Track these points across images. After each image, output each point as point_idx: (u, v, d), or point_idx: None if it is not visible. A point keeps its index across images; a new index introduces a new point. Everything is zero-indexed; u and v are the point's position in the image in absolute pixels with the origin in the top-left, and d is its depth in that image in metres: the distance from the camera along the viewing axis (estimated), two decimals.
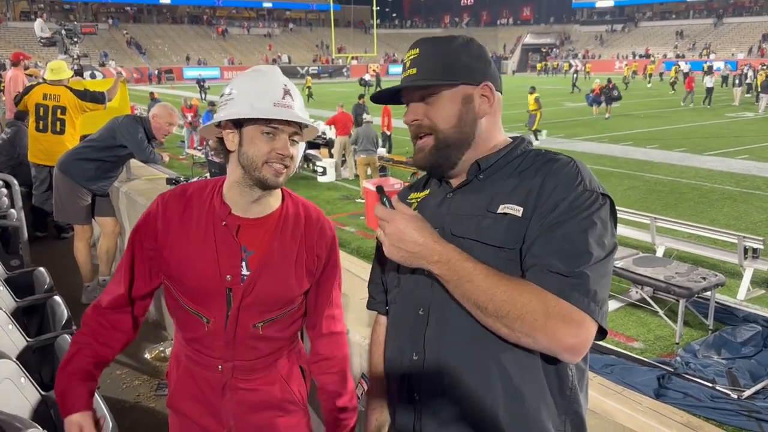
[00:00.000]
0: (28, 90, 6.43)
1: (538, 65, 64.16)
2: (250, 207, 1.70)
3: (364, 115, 13.27)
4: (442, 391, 1.35)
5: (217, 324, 1.69)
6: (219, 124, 1.67)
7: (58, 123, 6.26)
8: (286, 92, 1.62)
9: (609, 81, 23.85)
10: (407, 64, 1.43)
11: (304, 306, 1.85)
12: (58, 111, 6.23)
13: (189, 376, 1.79)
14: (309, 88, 34.83)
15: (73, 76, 8.18)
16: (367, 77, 38.99)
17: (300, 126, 1.65)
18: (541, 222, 1.26)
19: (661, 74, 38.01)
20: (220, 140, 1.69)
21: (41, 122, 6.26)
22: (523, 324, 1.19)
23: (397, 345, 1.48)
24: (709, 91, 27.31)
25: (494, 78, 1.45)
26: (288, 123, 1.60)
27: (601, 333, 1.25)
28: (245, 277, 1.68)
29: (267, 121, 1.58)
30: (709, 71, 30.57)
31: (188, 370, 1.79)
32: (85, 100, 6.19)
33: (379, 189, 1.41)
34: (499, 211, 1.32)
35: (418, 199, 1.55)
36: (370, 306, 1.67)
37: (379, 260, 1.61)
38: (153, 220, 1.72)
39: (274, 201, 1.75)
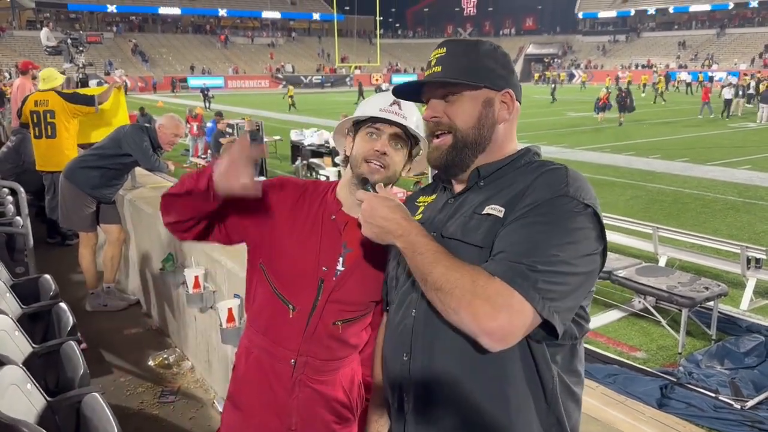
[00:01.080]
0: (24, 100, 6.51)
1: (536, 75, 64.27)
2: (357, 206, 1.73)
3: None
4: (427, 395, 1.38)
5: (302, 313, 1.76)
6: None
7: (49, 127, 6.33)
8: (395, 103, 1.74)
9: (621, 89, 24.58)
10: (432, 62, 1.46)
11: (372, 316, 1.89)
12: (48, 115, 6.30)
13: (259, 367, 1.84)
14: (291, 97, 35.12)
15: (78, 85, 8.27)
16: (384, 86, 39.03)
17: (407, 136, 1.76)
18: (512, 218, 1.28)
19: (654, 84, 37.70)
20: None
21: (36, 129, 6.34)
22: (452, 299, 1.20)
23: (391, 346, 1.51)
24: (728, 102, 26.51)
25: (516, 87, 1.47)
26: (389, 125, 1.72)
27: (552, 333, 1.22)
28: (338, 272, 1.76)
29: (371, 123, 1.74)
30: (729, 83, 29.50)
31: (259, 362, 1.84)
32: (73, 102, 6.23)
33: (364, 180, 1.61)
34: (483, 212, 1.34)
35: (426, 203, 1.59)
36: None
37: (388, 262, 1.66)
38: (272, 197, 1.81)
39: None
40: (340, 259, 1.77)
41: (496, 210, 1.32)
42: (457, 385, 1.32)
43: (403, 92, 1.58)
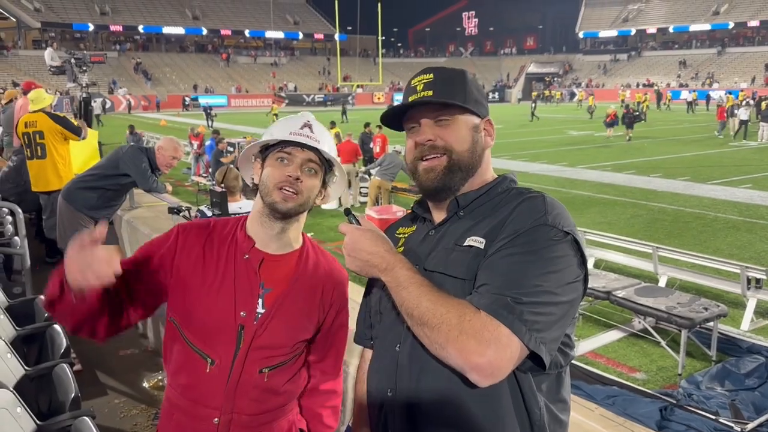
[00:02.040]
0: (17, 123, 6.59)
1: (533, 93, 64.55)
2: (271, 241, 1.70)
3: (396, 147, 13.53)
4: (415, 427, 1.36)
5: (221, 366, 1.60)
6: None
7: (39, 148, 6.42)
8: (306, 125, 1.67)
9: (628, 107, 26.21)
10: (419, 87, 1.44)
11: (305, 359, 1.78)
12: (37, 136, 6.41)
13: (180, 431, 1.67)
14: (276, 115, 35.30)
15: (81, 105, 8.34)
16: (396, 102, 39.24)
17: (321, 161, 1.68)
18: (493, 250, 1.28)
19: (640, 103, 37.34)
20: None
21: (28, 150, 6.45)
22: (439, 334, 1.19)
23: (375, 380, 1.49)
24: (743, 123, 25.51)
25: (489, 116, 1.50)
26: (302, 150, 1.63)
27: (540, 364, 1.21)
28: (259, 315, 1.62)
29: (281, 148, 1.64)
30: (745, 103, 28.28)
31: (180, 425, 1.66)
32: (61, 125, 6.33)
33: (347, 211, 1.52)
34: (465, 243, 1.34)
35: (406, 234, 1.56)
36: (356, 340, 1.68)
37: (368, 295, 1.63)
38: (171, 248, 1.68)
39: (294, 239, 1.74)
40: (260, 301, 1.63)
41: (476, 241, 1.32)
42: (444, 420, 1.31)
43: (389, 117, 1.54)
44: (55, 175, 6.40)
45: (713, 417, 4.72)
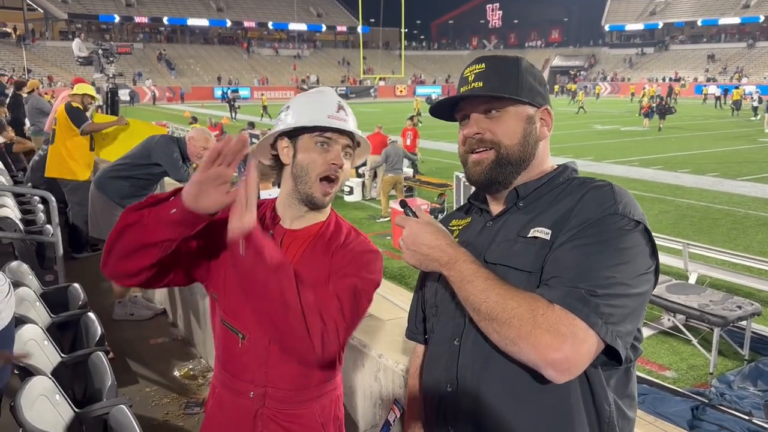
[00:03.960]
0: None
1: (555, 87, 63.82)
2: (296, 220, 1.71)
3: (390, 137, 13.35)
4: (476, 424, 1.32)
5: (252, 340, 1.63)
6: (274, 143, 1.70)
7: (52, 134, 6.70)
8: (341, 107, 1.65)
9: (661, 99, 27.76)
10: (470, 78, 1.41)
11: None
12: (54, 122, 6.67)
13: (220, 406, 1.71)
14: (265, 107, 35.70)
15: (108, 96, 8.45)
16: (434, 95, 39.14)
17: (353, 142, 1.68)
18: (562, 240, 1.23)
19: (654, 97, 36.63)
20: (275, 157, 1.71)
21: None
22: (510, 329, 1.15)
23: (432, 375, 1.46)
24: None
25: (550, 104, 1.45)
26: (341, 134, 1.63)
27: (614, 358, 1.18)
28: None
29: (321, 132, 1.61)
30: None
31: (220, 400, 1.71)
32: (68, 113, 6.46)
33: (403, 203, 1.47)
34: (529, 235, 1.29)
35: (460, 227, 1.53)
36: (409, 335, 1.65)
37: (421, 289, 1.60)
38: (221, 223, 1.64)
39: (321, 216, 1.73)
40: None
41: (542, 233, 1.28)
42: (509, 417, 1.27)
43: (438, 109, 1.51)
44: (62, 162, 6.55)
45: (746, 417, 4.64)
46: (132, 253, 1.46)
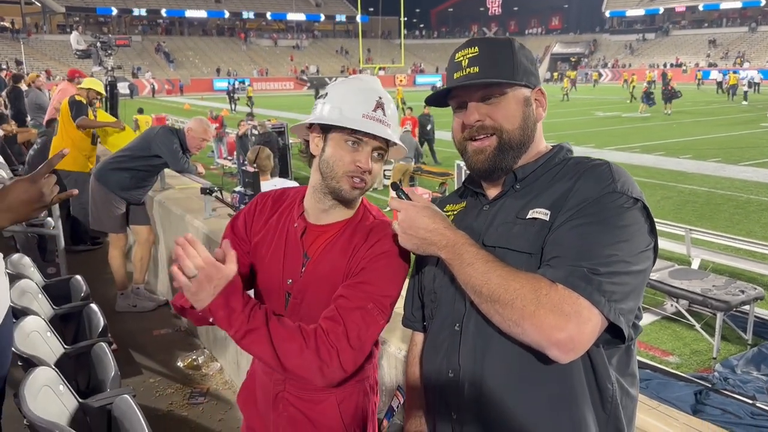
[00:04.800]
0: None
1: (554, 74, 63.50)
2: (321, 215, 1.67)
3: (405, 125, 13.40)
4: (480, 409, 1.31)
5: None
6: (310, 126, 1.64)
7: (56, 125, 6.70)
8: (379, 105, 1.57)
9: (667, 84, 28.82)
10: (464, 63, 1.37)
11: None
12: (58, 114, 6.67)
13: (252, 378, 1.84)
14: (250, 97, 35.85)
15: (107, 88, 8.45)
16: (438, 84, 39.15)
17: (387, 142, 1.60)
18: (561, 220, 1.22)
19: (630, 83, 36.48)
20: (308, 142, 1.67)
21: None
22: (513, 311, 1.14)
23: (433, 362, 1.44)
24: None
25: (541, 84, 1.43)
26: (374, 137, 1.55)
27: (618, 336, 1.17)
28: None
29: (353, 131, 1.54)
30: None
31: (253, 373, 1.84)
32: (70, 107, 6.43)
33: (394, 185, 1.44)
34: (528, 216, 1.28)
35: (455, 212, 1.51)
36: (405, 323, 1.63)
37: (417, 275, 1.58)
38: (249, 217, 1.75)
39: (347, 211, 1.68)
40: (302, 270, 1.64)
41: (541, 213, 1.27)
42: (513, 400, 1.26)
43: (435, 99, 1.48)
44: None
45: (750, 401, 4.64)
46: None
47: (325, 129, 1.59)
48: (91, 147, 6.66)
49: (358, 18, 66.23)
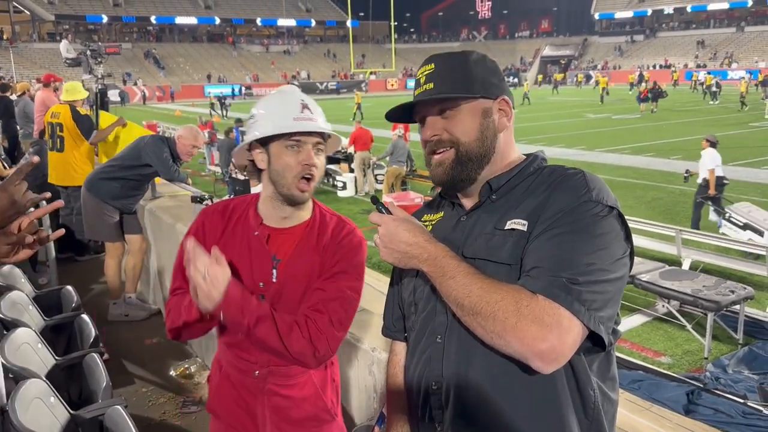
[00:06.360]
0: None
1: (539, 77, 63.79)
2: (282, 220, 1.80)
3: (396, 130, 13.40)
4: (465, 420, 1.32)
5: None
6: (249, 147, 1.77)
7: (59, 140, 6.44)
8: (304, 106, 1.71)
9: (655, 84, 30.31)
10: (422, 80, 1.41)
11: None
12: (58, 128, 6.42)
13: (228, 381, 1.88)
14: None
15: (97, 97, 8.37)
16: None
17: (323, 137, 1.74)
18: (539, 231, 1.24)
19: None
20: (253, 162, 1.78)
21: (50, 141, 6.52)
22: (495, 323, 1.15)
23: (416, 375, 1.44)
24: None
25: (508, 93, 1.44)
26: (309, 134, 1.69)
27: (598, 344, 1.19)
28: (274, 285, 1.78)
29: (289, 136, 1.68)
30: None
31: (227, 376, 1.88)
32: (76, 122, 6.31)
33: (374, 199, 1.47)
34: (506, 227, 1.29)
35: (433, 222, 1.51)
36: (386, 333, 1.63)
37: (396, 285, 1.58)
38: (200, 235, 1.82)
39: (304, 213, 1.83)
40: (274, 272, 1.77)
41: (519, 224, 1.27)
42: (497, 410, 1.27)
43: (396, 115, 1.49)
44: (72, 170, 6.41)
45: (741, 401, 4.67)
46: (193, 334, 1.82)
47: (264, 143, 1.73)
48: (93, 160, 6.63)
49: (349, 23, 66.31)
